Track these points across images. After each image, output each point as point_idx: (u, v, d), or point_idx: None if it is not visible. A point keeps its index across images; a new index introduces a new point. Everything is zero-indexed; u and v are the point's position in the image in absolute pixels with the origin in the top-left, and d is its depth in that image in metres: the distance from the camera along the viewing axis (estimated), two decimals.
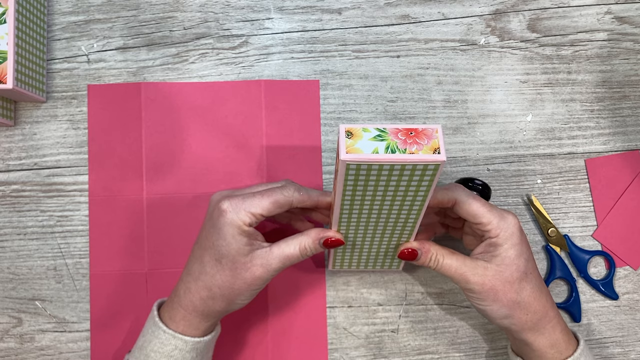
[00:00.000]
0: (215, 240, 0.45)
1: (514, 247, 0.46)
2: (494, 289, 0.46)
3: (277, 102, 0.58)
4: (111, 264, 0.56)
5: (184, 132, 0.57)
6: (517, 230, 0.46)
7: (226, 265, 0.45)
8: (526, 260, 0.47)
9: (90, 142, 0.57)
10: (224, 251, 0.44)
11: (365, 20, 0.59)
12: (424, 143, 0.39)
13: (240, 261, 0.45)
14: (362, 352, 0.57)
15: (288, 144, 0.58)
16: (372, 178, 0.40)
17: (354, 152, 0.38)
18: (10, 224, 0.57)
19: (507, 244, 0.46)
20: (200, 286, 0.46)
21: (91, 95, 0.57)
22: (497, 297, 0.46)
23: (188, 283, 0.46)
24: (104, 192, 0.57)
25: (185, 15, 0.58)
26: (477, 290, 0.46)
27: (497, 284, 0.46)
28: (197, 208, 0.57)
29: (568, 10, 0.60)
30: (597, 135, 0.59)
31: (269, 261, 0.45)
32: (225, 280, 0.45)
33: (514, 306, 0.46)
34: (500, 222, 0.46)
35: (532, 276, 0.47)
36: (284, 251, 0.45)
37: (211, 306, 0.46)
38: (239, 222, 0.44)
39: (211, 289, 0.45)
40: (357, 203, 0.43)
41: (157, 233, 0.56)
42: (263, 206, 0.45)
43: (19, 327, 0.56)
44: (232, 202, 0.45)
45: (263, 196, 0.45)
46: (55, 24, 0.58)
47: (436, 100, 0.59)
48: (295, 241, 0.46)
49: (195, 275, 0.46)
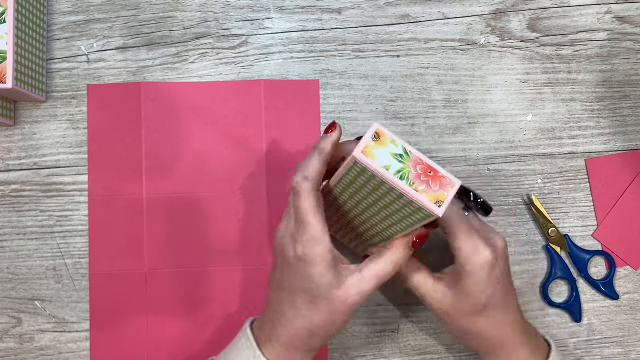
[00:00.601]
0: (303, 284, 0.43)
1: (478, 284, 0.45)
2: (447, 314, 0.47)
3: (277, 102, 0.58)
4: (111, 264, 0.56)
5: (183, 132, 0.57)
6: (488, 266, 0.44)
7: (322, 305, 0.43)
8: (489, 296, 0.45)
9: (90, 142, 0.57)
10: (316, 292, 0.42)
11: (365, 20, 0.59)
12: (434, 189, 0.38)
13: (336, 295, 0.43)
14: (362, 352, 0.57)
15: (288, 144, 0.57)
16: (370, 185, 0.40)
17: (369, 156, 0.38)
18: (10, 224, 0.56)
19: (471, 279, 0.45)
20: (299, 328, 0.44)
21: (91, 95, 0.57)
22: (450, 321, 0.47)
23: (285, 325, 0.44)
24: (103, 192, 0.56)
25: (185, 15, 0.58)
26: (433, 310, 0.48)
27: (451, 311, 0.47)
28: (196, 208, 0.57)
29: (568, 10, 0.60)
30: (597, 135, 0.59)
31: (364, 288, 0.43)
32: (325, 318, 0.43)
33: (465, 334, 0.48)
34: (473, 255, 0.44)
35: (494, 309, 0.46)
36: (376, 272, 0.44)
37: (313, 344, 0.45)
38: (320, 258, 0.42)
39: (311, 329, 0.44)
40: (345, 196, 0.44)
41: (157, 233, 0.56)
42: (317, 213, 0.42)
43: (19, 327, 0.56)
44: (305, 242, 0.42)
45: (312, 216, 0.42)
46: (55, 24, 0.58)
47: (436, 100, 0.59)
48: (385, 258, 0.44)
49: (291, 318, 0.44)
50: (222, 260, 0.57)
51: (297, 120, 0.58)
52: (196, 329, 0.56)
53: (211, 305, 0.56)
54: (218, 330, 0.56)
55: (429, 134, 0.58)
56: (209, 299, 0.56)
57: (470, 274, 0.45)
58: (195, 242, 0.57)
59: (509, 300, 0.47)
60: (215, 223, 0.57)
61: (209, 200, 0.57)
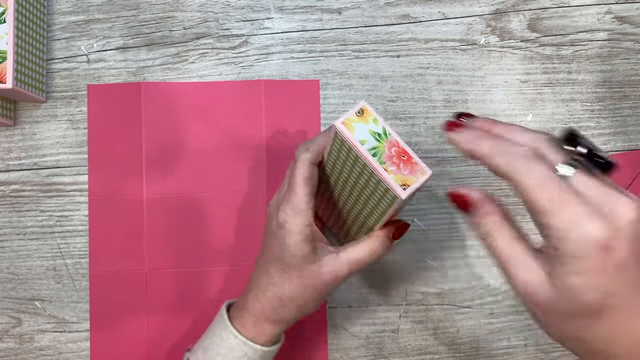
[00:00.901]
0: (279, 252, 0.44)
1: (583, 273, 0.31)
2: (544, 311, 0.34)
3: (277, 102, 0.58)
4: (111, 264, 0.56)
5: (183, 132, 0.57)
6: (596, 247, 0.30)
7: (294, 274, 0.44)
8: (604, 293, 0.31)
9: (90, 142, 0.57)
10: (289, 262, 0.43)
11: (365, 20, 0.59)
12: (403, 172, 0.39)
13: (308, 269, 0.44)
14: (362, 352, 0.57)
15: (288, 144, 0.57)
16: (349, 161, 0.41)
17: (348, 128, 0.39)
18: (10, 224, 0.56)
19: (572, 266, 0.31)
20: (270, 296, 0.45)
21: (91, 95, 0.57)
22: (548, 321, 0.34)
23: (256, 294, 0.46)
24: (103, 192, 0.56)
25: (185, 15, 0.58)
26: (523, 301, 0.35)
27: (550, 307, 0.33)
28: (197, 208, 0.57)
29: (568, 10, 0.60)
30: (597, 135, 0.59)
31: (337, 268, 0.44)
32: (295, 289, 0.44)
33: (574, 340, 0.34)
34: (571, 230, 0.31)
35: (617, 311, 0.31)
36: (352, 256, 0.44)
37: (283, 314, 0.45)
38: (298, 229, 0.43)
39: (281, 297, 0.45)
40: (333, 177, 0.44)
41: (157, 233, 0.56)
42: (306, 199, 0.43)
43: (19, 327, 0.56)
44: (287, 210, 0.43)
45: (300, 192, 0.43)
46: (55, 24, 0.58)
47: (436, 100, 0.59)
48: (363, 244, 0.44)
49: (263, 286, 0.45)
50: (222, 260, 0.57)
51: (297, 120, 0.58)
52: (196, 329, 0.56)
53: (211, 305, 0.56)
54: None
55: (429, 134, 0.58)
56: (209, 299, 0.56)
57: (569, 260, 0.31)
58: (195, 242, 0.57)
59: None
60: (215, 223, 0.57)
61: (208, 200, 0.57)
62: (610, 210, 0.31)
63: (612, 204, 0.31)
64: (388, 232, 0.44)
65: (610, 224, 0.31)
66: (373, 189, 0.40)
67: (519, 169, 0.33)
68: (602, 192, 0.32)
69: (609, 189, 0.32)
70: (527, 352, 0.58)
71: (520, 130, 0.35)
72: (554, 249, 0.32)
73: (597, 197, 0.32)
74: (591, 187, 0.32)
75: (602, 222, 0.31)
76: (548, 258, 0.33)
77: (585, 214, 0.31)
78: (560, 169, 0.32)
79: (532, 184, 0.33)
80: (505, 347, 0.57)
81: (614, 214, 0.31)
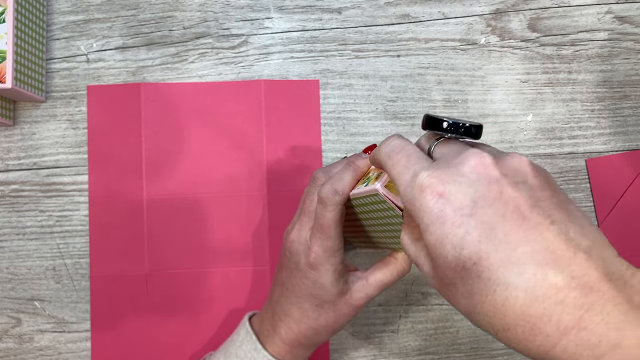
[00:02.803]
0: (312, 290, 0.44)
1: (425, 221, 0.29)
2: (436, 285, 0.32)
3: (277, 102, 0.58)
4: (111, 265, 0.56)
5: (183, 133, 0.57)
6: (426, 191, 0.29)
7: (329, 308, 0.44)
8: (458, 241, 0.28)
9: (90, 142, 0.57)
10: (324, 299, 0.44)
11: (365, 19, 0.59)
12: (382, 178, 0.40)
13: (342, 301, 0.44)
14: (362, 352, 0.57)
15: (288, 144, 0.57)
16: (385, 212, 0.41)
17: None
18: (9, 224, 0.56)
19: (417, 218, 0.30)
20: (304, 328, 0.45)
21: (91, 95, 0.57)
22: (445, 297, 0.32)
23: (289, 324, 0.45)
24: (104, 193, 0.56)
25: (184, 14, 0.58)
26: None
27: (435, 279, 0.32)
28: (197, 208, 0.57)
29: (568, 9, 0.60)
30: (597, 135, 0.59)
31: (369, 293, 0.45)
32: (330, 320, 0.45)
33: (467, 314, 0.31)
34: (402, 183, 0.31)
35: (481, 262, 0.28)
36: (381, 280, 0.45)
37: (316, 340, 0.46)
38: (332, 268, 0.43)
39: (316, 328, 0.45)
40: (358, 209, 0.45)
41: (157, 234, 0.56)
42: (336, 236, 0.43)
43: (18, 327, 0.56)
44: (319, 252, 0.43)
45: (323, 234, 0.42)
46: (54, 24, 0.58)
47: (436, 99, 0.59)
48: (390, 267, 0.45)
49: (297, 318, 0.45)
50: (222, 260, 0.57)
51: (297, 120, 0.58)
52: (197, 330, 0.56)
53: (212, 306, 0.56)
54: (218, 331, 0.56)
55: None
56: (209, 300, 0.56)
57: (419, 220, 0.30)
58: (195, 242, 0.56)
59: (522, 237, 0.27)
60: (215, 223, 0.57)
61: (208, 201, 0.57)
62: (450, 161, 0.30)
63: (455, 156, 0.31)
64: (406, 257, 0.45)
65: (444, 171, 0.29)
66: (378, 207, 0.41)
67: (380, 153, 0.35)
68: (450, 151, 0.32)
69: (460, 146, 0.32)
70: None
71: None
72: (413, 218, 0.31)
73: (444, 155, 0.32)
74: (443, 150, 0.33)
75: (433, 170, 0.29)
76: None
77: (419, 169, 0.30)
78: (422, 144, 0.35)
79: (385, 158, 0.34)
80: (506, 347, 0.57)
81: (453, 163, 0.30)
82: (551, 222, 0.27)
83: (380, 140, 0.57)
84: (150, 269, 0.56)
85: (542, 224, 0.27)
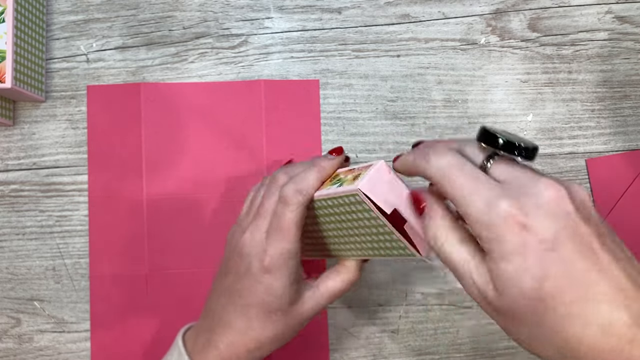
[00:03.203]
0: (263, 296, 0.41)
1: (507, 257, 0.30)
2: (493, 311, 0.33)
3: (277, 102, 0.58)
4: (111, 265, 0.56)
5: (183, 133, 0.57)
6: (513, 226, 0.29)
7: (278, 318, 0.42)
8: (539, 277, 0.29)
9: (89, 142, 0.57)
10: (274, 306, 0.41)
11: (365, 19, 0.59)
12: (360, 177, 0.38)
13: (292, 309, 0.42)
14: (362, 352, 0.57)
15: (288, 144, 0.57)
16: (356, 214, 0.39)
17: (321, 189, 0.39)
18: (9, 224, 0.56)
19: (495, 253, 0.30)
20: (248, 341, 0.42)
21: (90, 96, 0.57)
22: (503, 324, 0.34)
23: (232, 337, 0.42)
24: (103, 193, 0.56)
25: (184, 14, 0.58)
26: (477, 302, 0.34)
27: (497, 307, 0.32)
28: (197, 209, 0.57)
29: (569, 9, 0.60)
30: (597, 135, 0.59)
31: (319, 302, 0.43)
32: (277, 331, 0.42)
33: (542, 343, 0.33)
34: (486, 213, 0.30)
35: (556, 297, 0.29)
36: (332, 288, 0.44)
37: (257, 355, 0.43)
38: (288, 272, 0.41)
39: (260, 340, 0.42)
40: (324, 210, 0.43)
41: (157, 234, 0.56)
42: (294, 237, 0.41)
43: (18, 327, 0.56)
44: (276, 254, 0.41)
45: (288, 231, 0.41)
46: (54, 23, 0.58)
47: (436, 99, 0.58)
48: (341, 276, 0.44)
49: (241, 330, 0.42)
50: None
51: (297, 121, 0.58)
52: None
53: None
54: None
55: (429, 134, 0.58)
56: None
57: (494, 247, 0.30)
58: (195, 243, 0.56)
59: (597, 275, 0.29)
60: (215, 224, 0.57)
61: (209, 201, 0.57)
62: (526, 190, 0.30)
63: (528, 184, 0.31)
64: (357, 265, 0.44)
65: (524, 201, 0.30)
66: (381, 239, 0.39)
67: (429, 165, 0.34)
68: (518, 176, 0.32)
69: (526, 172, 0.32)
70: (527, 353, 0.57)
71: (447, 140, 0.37)
72: (480, 240, 0.31)
73: (513, 180, 0.31)
74: (507, 173, 0.32)
75: (513, 200, 0.30)
76: (485, 254, 0.31)
77: (496, 197, 0.30)
78: (476, 161, 0.33)
79: (440, 175, 0.33)
80: (505, 347, 0.57)
81: (530, 193, 0.30)
82: (617, 261, 0.29)
83: (380, 140, 0.57)
84: (150, 269, 0.56)
85: (611, 262, 0.29)
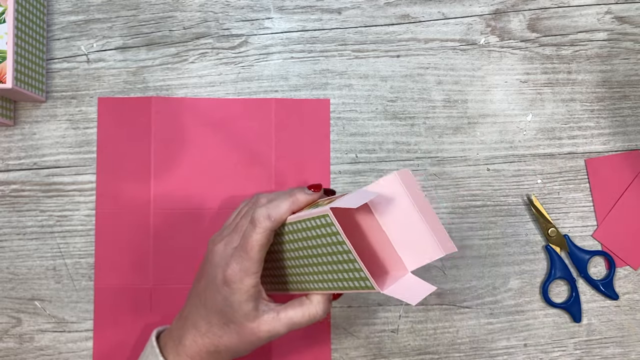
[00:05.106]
0: (222, 306, 0.44)
1: None
2: None
3: (287, 120, 0.58)
4: (116, 278, 0.56)
5: (193, 148, 0.57)
6: None
7: (234, 330, 0.45)
8: None
9: (99, 154, 0.57)
10: (231, 317, 0.44)
11: (365, 20, 0.59)
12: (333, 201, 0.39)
13: (248, 326, 0.44)
14: (362, 352, 0.57)
15: (297, 162, 0.57)
16: (324, 239, 0.41)
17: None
18: (10, 224, 0.56)
19: None
20: (207, 342, 0.45)
21: (101, 107, 0.57)
22: None
23: (195, 336, 0.46)
24: (111, 205, 0.56)
25: (184, 15, 0.58)
26: None
27: None
28: (204, 223, 0.57)
29: (568, 10, 0.60)
30: (597, 135, 0.59)
31: (276, 327, 0.45)
32: (232, 341, 0.45)
33: None
34: None
35: None
36: (291, 318, 0.45)
37: (217, 358, 0.46)
38: (245, 289, 0.44)
39: (218, 346, 0.45)
40: (294, 235, 0.44)
41: (163, 248, 0.56)
42: (258, 259, 0.44)
43: (18, 327, 0.56)
44: (236, 270, 0.44)
45: (250, 252, 0.44)
46: (54, 24, 0.58)
47: (436, 100, 0.59)
48: (304, 308, 0.45)
49: (203, 331, 0.46)
50: None
51: (307, 139, 0.57)
52: None
53: None
54: None
55: (428, 134, 0.58)
56: None
57: None
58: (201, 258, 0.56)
59: None
60: None
61: (216, 216, 0.57)
62: None
63: None
64: (329, 296, 0.46)
65: None
66: (345, 268, 0.40)
67: None
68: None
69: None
70: (527, 352, 0.58)
71: None
72: None
73: None
74: None
75: None
76: None
77: None
78: None
79: None
80: (505, 347, 0.57)
81: None
82: None
83: (380, 140, 0.58)
84: (154, 283, 0.56)
85: None
